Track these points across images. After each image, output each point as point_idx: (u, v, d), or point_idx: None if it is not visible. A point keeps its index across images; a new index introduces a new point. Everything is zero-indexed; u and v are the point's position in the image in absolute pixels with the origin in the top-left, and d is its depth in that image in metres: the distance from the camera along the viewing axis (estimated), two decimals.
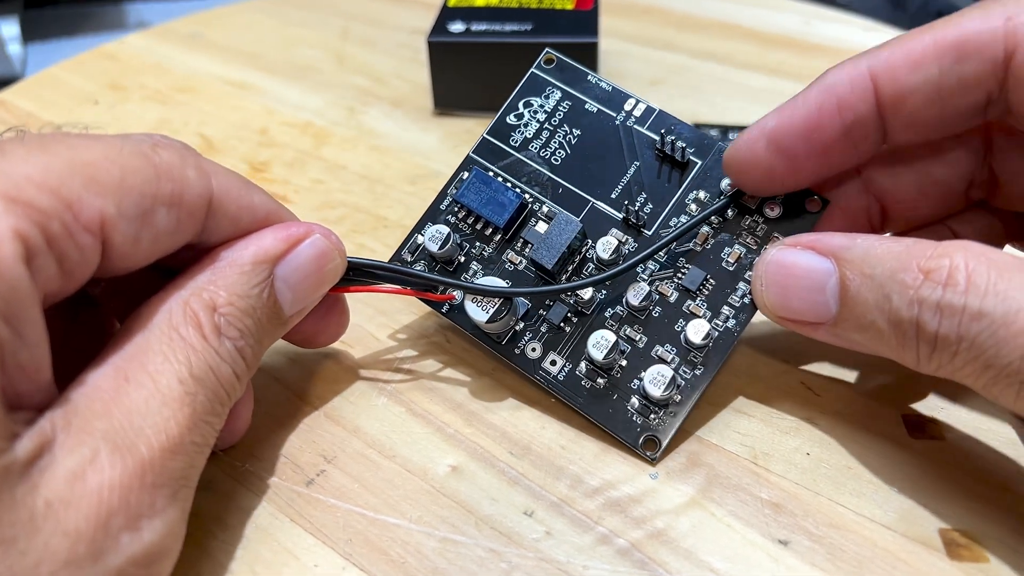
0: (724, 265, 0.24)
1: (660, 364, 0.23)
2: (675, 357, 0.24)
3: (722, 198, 0.24)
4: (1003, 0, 0.20)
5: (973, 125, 0.22)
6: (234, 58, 0.48)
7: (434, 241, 0.25)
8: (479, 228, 0.26)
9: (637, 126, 0.26)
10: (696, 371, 0.23)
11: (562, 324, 0.24)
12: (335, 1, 0.56)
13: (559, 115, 0.27)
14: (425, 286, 0.25)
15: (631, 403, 0.23)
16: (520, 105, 0.27)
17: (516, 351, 0.24)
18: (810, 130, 0.21)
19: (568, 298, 0.25)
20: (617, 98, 0.26)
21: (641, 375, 0.23)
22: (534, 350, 0.24)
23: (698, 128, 0.26)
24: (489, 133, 0.27)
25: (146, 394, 0.17)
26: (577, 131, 0.26)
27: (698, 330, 0.23)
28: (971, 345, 0.17)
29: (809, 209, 0.24)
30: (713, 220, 0.24)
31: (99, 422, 0.16)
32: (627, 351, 0.24)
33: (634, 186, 0.25)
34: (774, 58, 0.46)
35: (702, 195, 0.25)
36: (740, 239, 0.24)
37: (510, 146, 0.27)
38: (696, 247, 0.24)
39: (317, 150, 0.39)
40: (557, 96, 0.27)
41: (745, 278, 0.24)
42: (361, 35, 0.51)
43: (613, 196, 0.25)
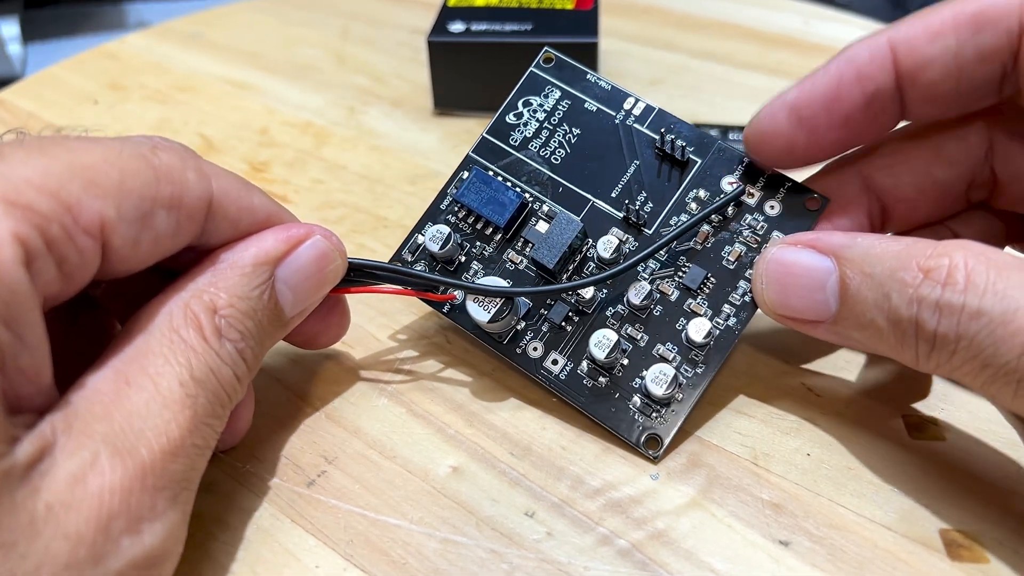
0: (725, 263, 0.24)
1: (662, 363, 0.23)
2: (676, 356, 0.24)
3: (722, 197, 0.24)
4: None
5: (987, 103, 0.22)
6: (234, 58, 0.48)
7: (435, 241, 0.25)
8: (479, 228, 0.26)
9: (637, 125, 0.26)
10: (697, 369, 0.23)
11: (563, 323, 0.24)
12: (335, 1, 0.56)
13: (559, 114, 0.27)
14: (426, 286, 0.25)
15: (633, 402, 0.23)
16: (519, 104, 0.27)
17: (517, 351, 0.25)
18: (831, 101, 0.22)
19: (569, 297, 0.25)
20: (616, 97, 0.26)
21: (643, 374, 0.23)
22: (535, 349, 0.24)
23: (698, 128, 0.26)
24: (489, 132, 0.27)
25: (147, 397, 0.17)
26: (577, 130, 0.26)
27: (699, 329, 0.23)
28: (969, 344, 0.18)
29: (809, 207, 0.24)
30: (713, 219, 0.24)
31: (100, 425, 0.16)
32: (628, 350, 0.24)
33: (634, 185, 0.25)
34: (774, 58, 0.46)
35: (702, 194, 0.25)
36: (740, 237, 0.24)
37: (510, 145, 0.27)
38: (697, 246, 0.24)
39: (317, 150, 0.39)
40: (556, 95, 0.27)
41: (746, 276, 0.24)
42: (361, 35, 0.51)
43: (613, 195, 0.25)
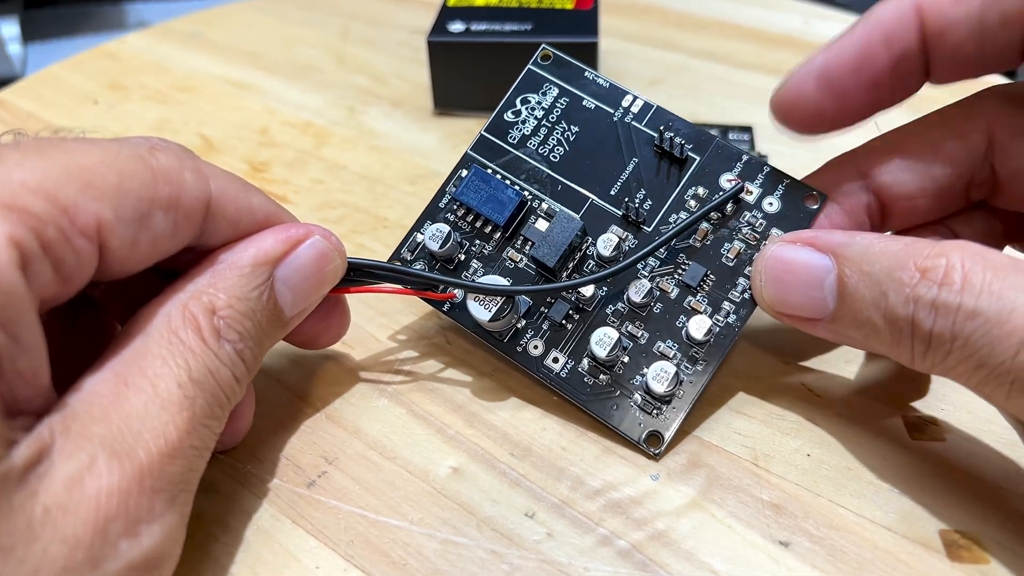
0: (724, 261, 0.24)
1: (663, 360, 0.23)
2: (677, 353, 0.24)
3: (721, 194, 0.24)
4: None
5: (1010, 67, 0.22)
6: (234, 58, 0.48)
7: (435, 240, 0.25)
8: (479, 226, 0.26)
9: (635, 122, 0.26)
10: (698, 367, 0.23)
11: (564, 321, 0.25)
12: (335, 1, 0.56)
13: (557, 112, 0.27)
14: (426, 285, 0.25)
15: (634, 399, 0.23)
16: (517, 102, 0.27)
17: (518, 349, 0.25)
18: (859, 64, 0.22)
19: (569, 295, 0.25)
20: (614, 94, 0.26)
21: (643, 371, 0.23)
22: (536, 348, 0.24)
23: (705, 131, 0.26)
24: (487, 130, 0.27)
25: (145, 399, 0.17)
26: (575, 128, 0.26)
27: (700, 326, 0.23)
28: (965, 344, 0.18)
29: (807, 204, 0.24)
30: (712, 216, 0.24)
31: (98, 427, 0.16)
32: (629, 347, 0.24)
33: (633, 183, 0.25)
34: (774, 58, 0.46)
35: (701, 191, 0.25)
36: (740, 235, 0.24)
37: (508, 143, 0.27)
38: (696, 243, 0.24)
39: (317, 150, 0.39)
40: (554, 93, 0.27)
41: (745, 273, 0.24)
42: (361, 35, 0.51)
43: (612, 193, 0.25)
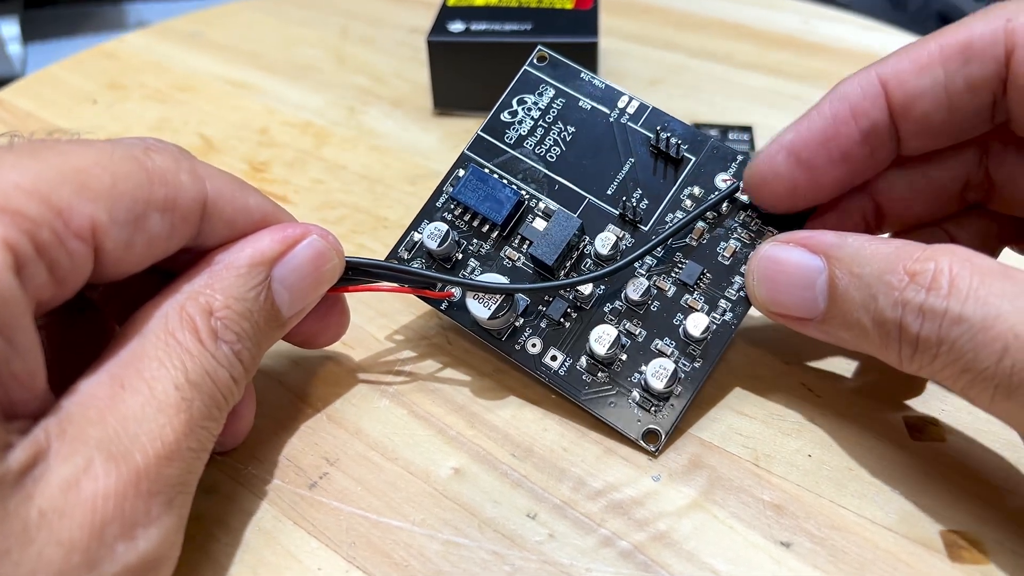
0: (720, 259, 0.24)
1: (661, 358, 0.23)
2: (674, 350, 0.24)
3: (717, 194, 0.24)
4: (1005, 4, 0.20)
5: (982, 131, 0.22)
6: (234, 57, 0.48)
7: (433, 239, 0.25)
8: (476, 225, 0.26)
9: (631, 123, 0.26)
10: (695, 364, 0.23)
11: (562, 319, 0.25)
12: (335, 0, 0.56)
13: (553, 112, 0.27)
14: (424, 283, 0.25)
15: (632, 397, 0.23)
16: (514, 103, 0.27)
17: (516, 347, 0.25)
18: (828, 139, 0.22)
19: (568, 294, 0.25)
20: (610, 95, 0.26)
21: (642, 369, 0.23)
22: (534, 346, 0.24)
23: (698, 128, 0.26)
24: (484, 130, 0.27)
25: (141, 401, 0.17)
26: (571, 128, 0.26)
27: (697, 324, 0.23)
28: (950, 348, 0.18)
29: None
30: (708, 215, 0.25)
31: (94, 430, 0.16)
32: (627, 345, 0.24)
33: (630, 182, 0.25)
34: (774, 58, 0.46)
35: (696, 191, 0.25)
36: (735, 234, 0.24)
37: (505, 143, 0.27)
38: (692, 242, 0.25)
39: (317, 150, 0.39)
40: (551, 94, 0.27)
41: (741, 272, 0.24)
42: (361, 34, 0.51)
43: (609, 192, 0.25)
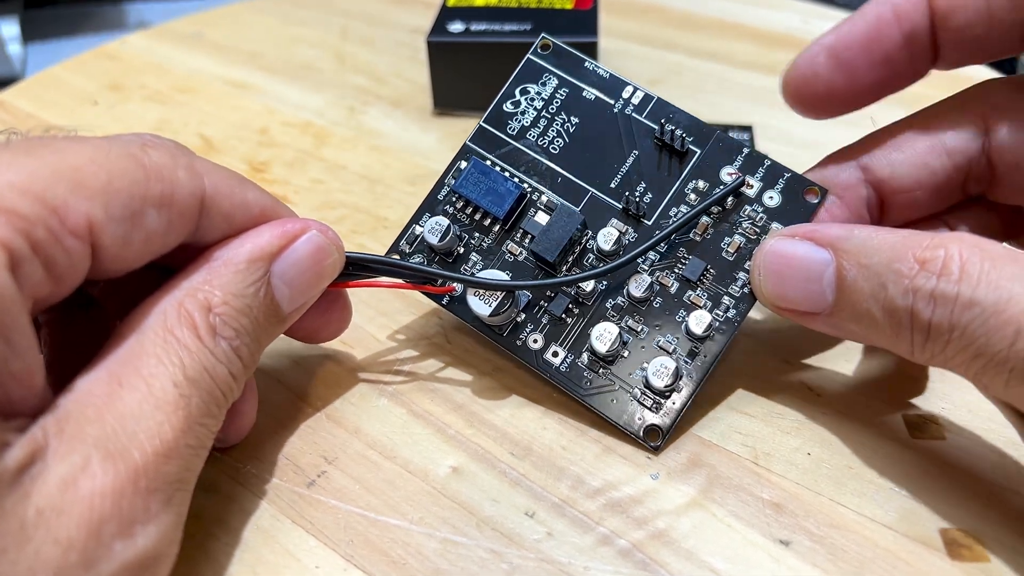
0: (724, 255, 0.24)
1: (663, 355, 0.23)
2: (677, 347, 0.24)
3: (722, 188, 0.24)
4: None
5: (1013, 53, 0.22)
6: (234, 58, 0.48)
7: (434, 233, 0.25)
8: (478, 219, 0.26)
9: (636, 114, 0.26)
10: (697, 361, 0.23)
11: (563, 315, 0.24)
12: (335, 0, 0.56)
13: (556, 102, 0.26)
14: (425, 279, 0.25)
15: (633, 393, 0.23)
16: (517, 92, 0.27)
17: (518, 343, 0.24)
18: (870, 41, 0.22)
19: (569, 289, 0.25)
20: (615, 85, 0.26)
21: (644, 366, 0.23)
22: (536, 341, 0.24)
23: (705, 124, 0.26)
24: (486, 121, 0.27)
25: (139, 398, 0.17)
26: (575, 119, 0.26)
27: (700, 321, 0.23)
28: (962, 334, 0.18)
29: (808, 198, 0.24)
30: (713, 210, 0.24)
31: (92, 428, 0.16)
32: (629, 342, 0.24)
33: (633, 175, 0.25)
34: (774, 57, 0.46)
35: (701, 184, 0.25)
36: (740, 229, 0.24)
37: (507, 135, 0.26)
38: (696, 237, 0.24)
39: (317, 150, 0.39)
40: (554, 83, 0.27)
41: (745, 268, 0.24)
42: (361, 34, 0.51)
43: (612, 185, 0.25)
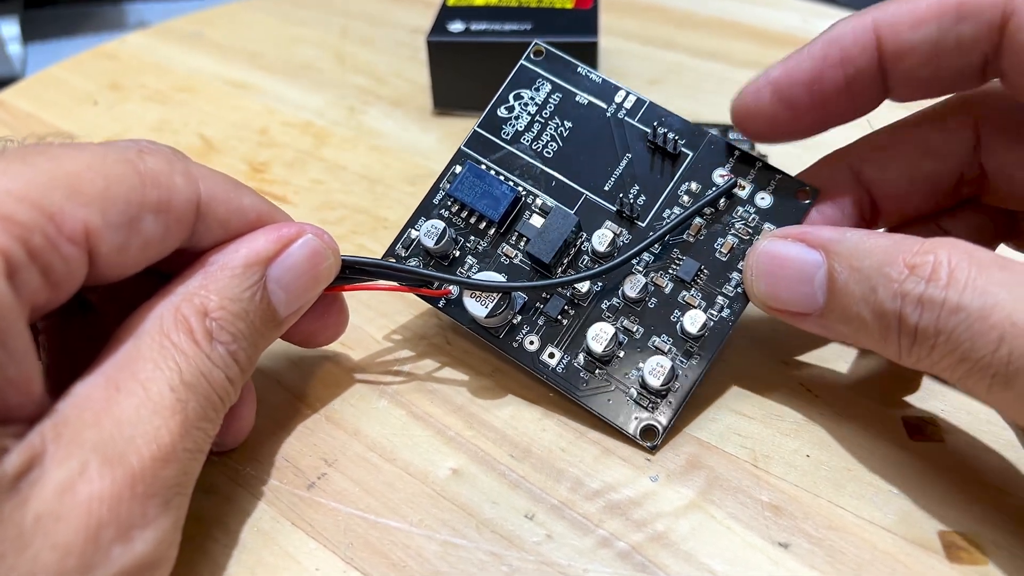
0: (718, 255, 0.24)
1: (659, 355, 0.23)
2: (672, 347, 0.24)
3: (714, 189, 0.24)
4: None
5: (970, 87, 0.22)
6: (234, 58, 0.48)
7: (430, 236, 0.25)
8: (473, 222, 0.26)
9: (628, 118, 0.26)
10: (693, 361, 0.24)
11: (559, 317, 0.25)
12: (334, 0, 0.56)
13: (550, 107, 0.27)
14: (421, 282, 0.25)
15: (629, 393, 0.24)
16: (510, 98, 0.27)
17: (514, 344, 0.25)
18: (813, 81, 0.22)
19: (565, 291, 0.25)
20: (607, 90, 0.26)
21: (640, 366, 0.23)
22: (532, 343, 0.24)
23: (693, 124, 0.26)
24: (480, 126, 0.27)
25: (137, 403, 0.17)
26: (568, 123, 0.26)
27: (695, 321, 0.23)
28: (948, 338, 0.18)
29: (800, 199, 0.24)
30: (706, 211, 0.25)
31: (89, 433, 0.16)
32: (624, 342, 0.24)
33: (627, 178, 0.25)
34: (773, 57, 0.45)
35: (694, 186, 0.25)
36: (732, 229, 0.24)
37: (502, 139, 0.27)
38: (690, 238, 0.25)
39: (317, 150, 0.39)
40: (547, 88, 0.27)
41: (738, 268, 0.24)
42: (361, 34, 0.51)
43: (606, 188, 0.25)
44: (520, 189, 0.26)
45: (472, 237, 0.26)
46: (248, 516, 0.22)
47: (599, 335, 0.23)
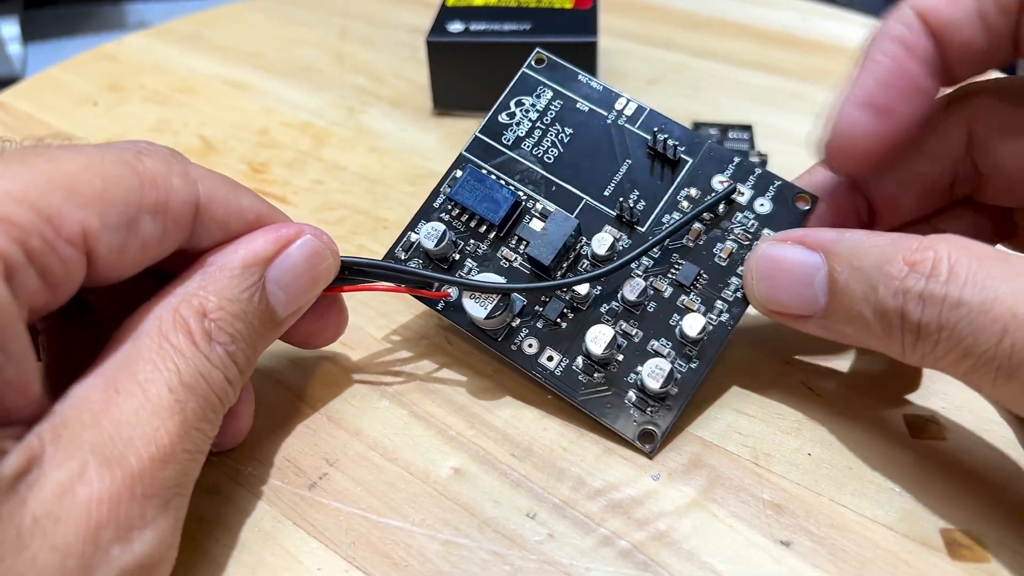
0: (717, 260, 0.24)
1: (657, 358, 0.23)
2: (671, 351, 0.24)
3: (714, 195, 0.24)
4: None
5: (1016, 58, 0.22)
6: (234, 58, 0.48)
7: (430, 239, 0.25)
8: (473, 226, 0.26)
9: (628, 125, 0.26)
10: (692, 365, 0.23)
11: (558, 320, 0.25)
12: (334, 0, 0.56)
13: (551, 114, 0.27)
14: (420, 283, 0.25)
15: (628, 397, 0.23)
16: (512, 104, 0.27)
17: (513, 347, 0.25)
18: (897, 76, 0.21)
19: (564, 294, 0.25)
20: (608, 97, 0.26)
21: (638, 369, 0.23)
22: (531, 346, 0.24)
23: (697, 127, 0.26)
24: (482, 132, 0.27)
25: (136, 404, 0.17)
26: (569, 130, 0.26)
27: (693, 324, 0.23)
28: (951, 333, 0.18)
29: (799, 205, 0.24)
30: (705, 216, 0.25)
31: (88, 434, 0.16)
32: (624, 346, 0.24)
33: (627, 184, 0.26)
34: (773, 56, 0.46)
35: (693, 192, 0.25)
36: (732, 235, 0.24)
37: (503, 145, 0.27)
38: (689, 243, 0.25)
39: (317, 150, 0.39)
40: (548, 95, 0.27)
41: (737, 272, 0.24)
42: (360, 34, 0.51)
43: (606, 194, 0.26)
44: (520, 193, 0.26)
45: (472, 240, 0.26)
46: (249, 516, 0.22)
47: (598, 337, 0.23)
